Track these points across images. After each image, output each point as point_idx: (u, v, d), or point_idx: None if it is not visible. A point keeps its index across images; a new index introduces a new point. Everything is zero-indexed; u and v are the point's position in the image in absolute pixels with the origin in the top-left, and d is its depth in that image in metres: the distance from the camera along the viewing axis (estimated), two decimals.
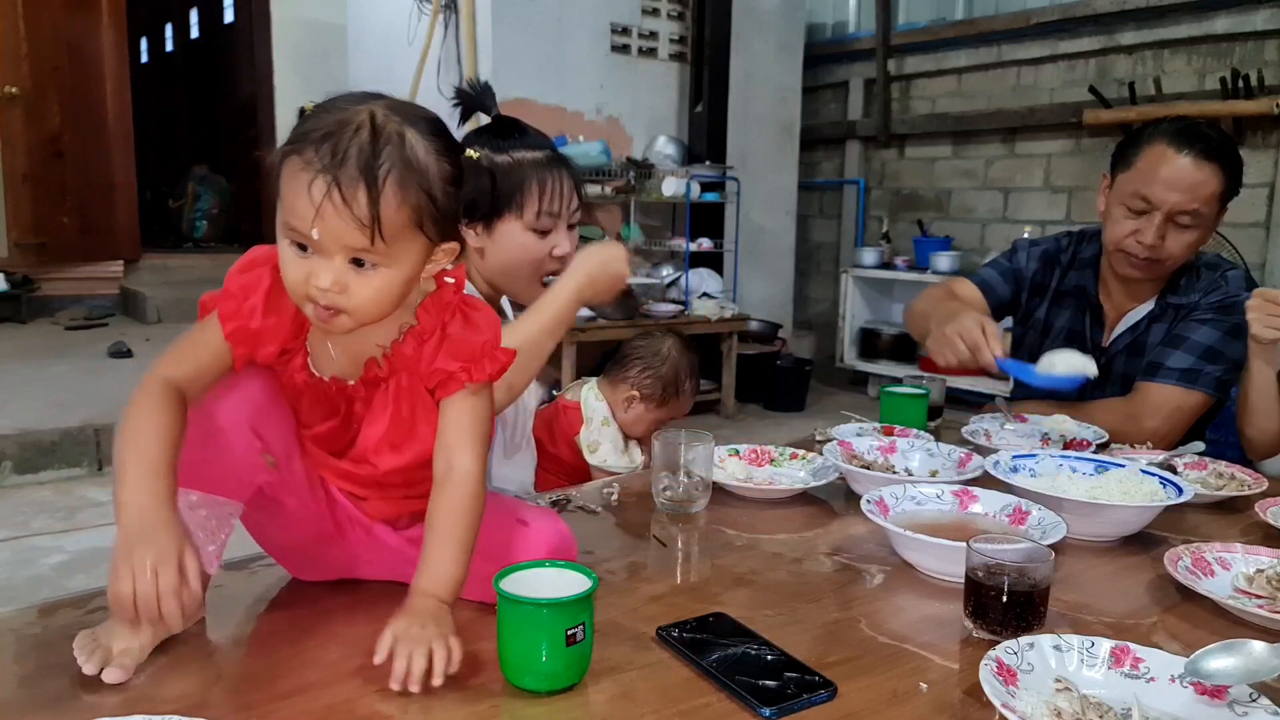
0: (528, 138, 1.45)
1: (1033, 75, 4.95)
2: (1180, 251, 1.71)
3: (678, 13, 5.00)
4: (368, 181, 0.83)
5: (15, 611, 0.96)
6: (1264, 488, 1.41)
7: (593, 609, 0.83)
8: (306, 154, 0.83)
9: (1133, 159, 1.73)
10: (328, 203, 0.82)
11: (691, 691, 0.82)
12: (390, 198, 0.84)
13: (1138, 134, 1.76)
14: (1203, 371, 1.71)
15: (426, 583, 0.89)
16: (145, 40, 10.64)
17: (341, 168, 0.82)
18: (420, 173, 0.86)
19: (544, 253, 1.45)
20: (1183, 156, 1.67)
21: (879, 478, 1.35)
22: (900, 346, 5.34)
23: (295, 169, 0.84)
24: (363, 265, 0.86)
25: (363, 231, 0.83)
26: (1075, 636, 0.87)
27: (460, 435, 0.94)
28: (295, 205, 0.84)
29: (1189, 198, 1.67)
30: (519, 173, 1.41)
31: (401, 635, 0.82)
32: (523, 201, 1.41)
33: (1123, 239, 1.73)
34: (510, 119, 1.47)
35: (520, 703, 0.81)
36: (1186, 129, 1.71)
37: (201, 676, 0.84)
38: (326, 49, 6.33)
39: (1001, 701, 0.76)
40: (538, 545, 0.98)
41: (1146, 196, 1.68)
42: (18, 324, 5.62)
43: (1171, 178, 1.67)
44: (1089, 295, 1.87)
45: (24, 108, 5.76)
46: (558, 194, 1.43)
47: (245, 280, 0.92)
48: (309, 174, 0.83)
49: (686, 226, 4.82)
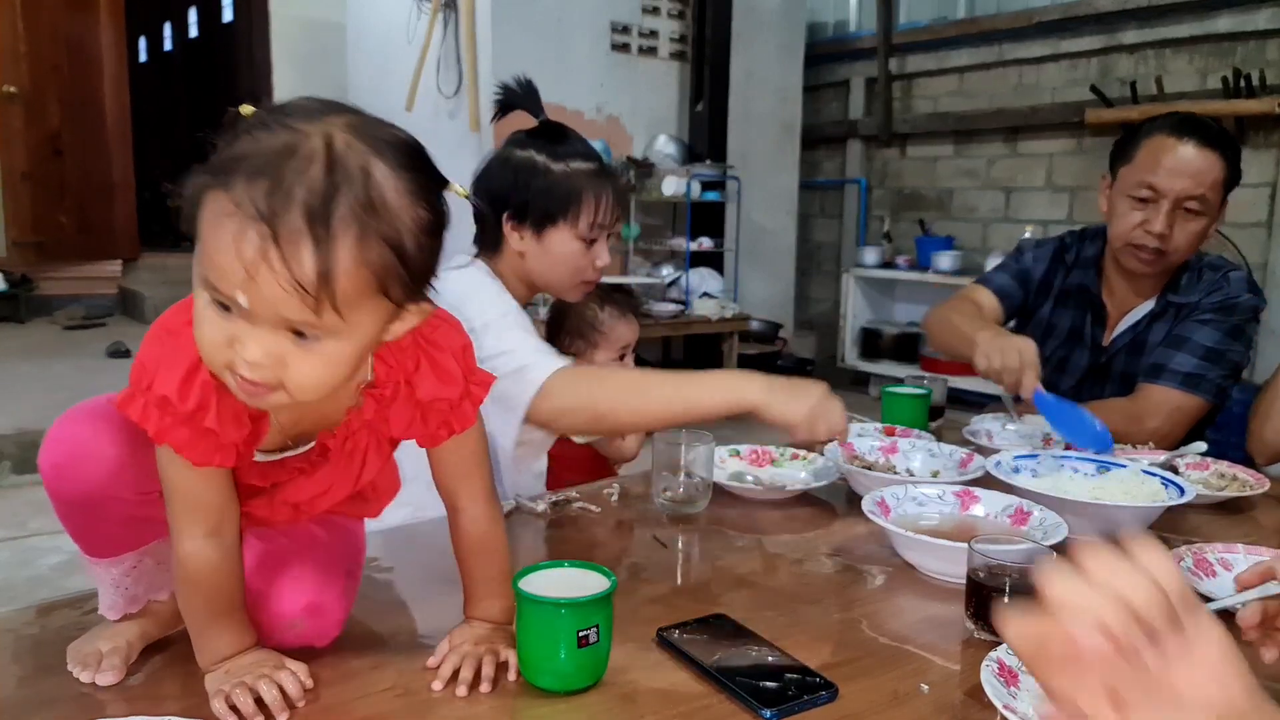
0: (580, 145, 1.46)
1: (1035, 74, 4.95)
2: (1186, 242, 1.71)
3: (678, 11, 5.00)
4: (315, 236, 0.63)
5: (14, 611, 0.96)
6: (1266, 488, 1.41)
7: (611, 609, 0.83)
8: (235, 192, 0.64)
9: (1133, 153, 1.72)
10: (261, 264, 0.63)
11: (692, 693, 0.82)
12: (345, 256, 0.65)
13: (1136, 129, 1.76)
14: (1205, 377, 1.70)
15: (478, 612, 0.90)
16: (144, 39, 10.63)
17: (282, 215, 0.63)
18: (388, 221, 0.67)
19: (589, 263, 1.45)
20: (1185, 144, 1.67)
21: (880, 478, 1.34)
22: (901, 346, 5.34)
23: (219, 210, 0.64)
24: (304, 336, 0.68)
25: (305, 301, 0.64)
26: None
27: (459, 480, 0.89)
28: (217, 260, 0.65)
29: (1194, 183, 1.66)
30: (574, 183, 1.41)
31: (456, 645, 0.85)
32: (578, 213, 1.41)
33: (1130, 231, 1.72)
34: (559, 124, 1.47)
35: (521, 702, 0.81)
36: (1185, 119, 1.72)
37: (201, 677, 0.84)
38: (326, 48, 6.32)
39: (1003, 703, 0.76)
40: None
41: (1153, 185, 1.68)
42: (16, 323, 5.62)
43: (1176, 165, 1.66)
44: (1091, 294, 1.87)
45: (23, 107, 5.76)
46: (608, 207, 1.44)
47: (194, 406, 0.73)
48: (236, 221, 0.63)
49: (687, 226, 4.81)
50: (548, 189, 1.41)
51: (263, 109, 0.70)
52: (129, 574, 0.85)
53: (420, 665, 0.86)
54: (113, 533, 0.84)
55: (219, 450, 0.76)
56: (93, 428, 0.78)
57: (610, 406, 1.32)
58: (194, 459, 0.75)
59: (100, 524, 0.83)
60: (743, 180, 4.98)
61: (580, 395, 1.32)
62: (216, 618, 0.80)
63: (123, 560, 0.85)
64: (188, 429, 0.74)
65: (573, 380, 1.33)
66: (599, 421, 1.36)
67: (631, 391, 1.34)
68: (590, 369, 1.39)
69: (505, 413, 1.31)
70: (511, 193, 1.42)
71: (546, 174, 1.41)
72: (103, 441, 0.78)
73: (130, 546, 0.85)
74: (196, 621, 0.81)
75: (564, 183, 1.41)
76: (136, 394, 0.74)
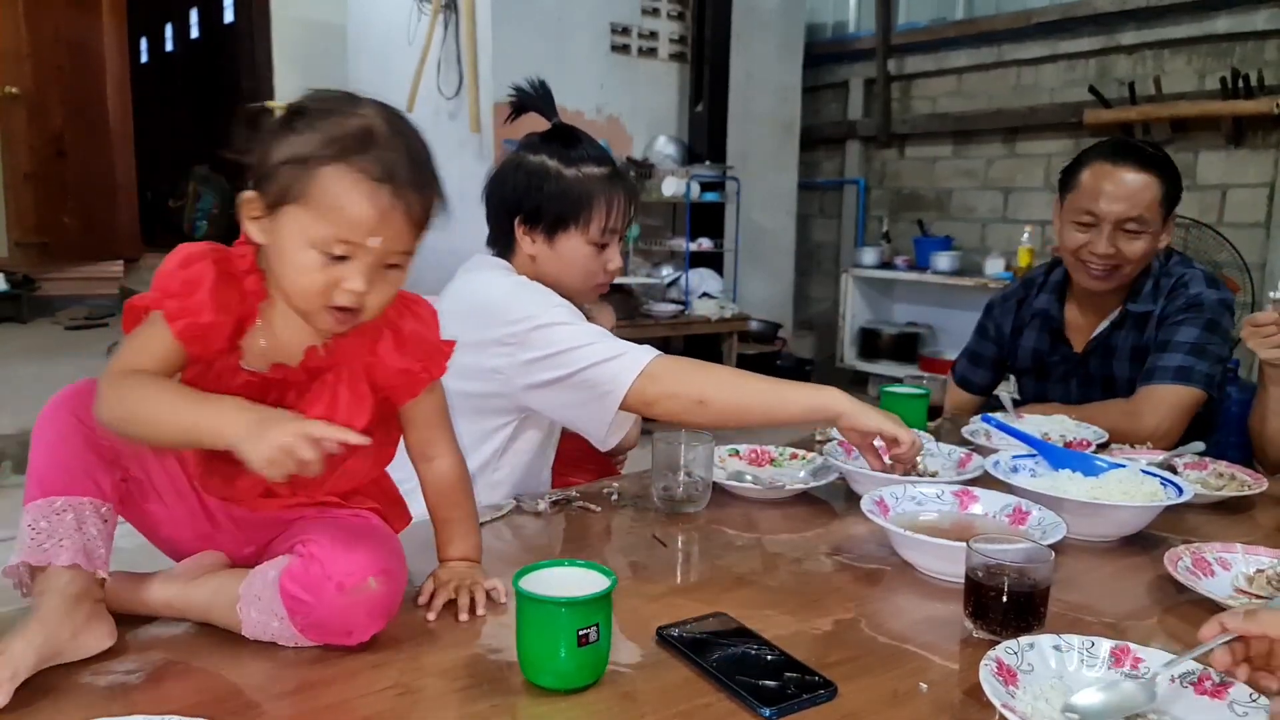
0: (592, 149, 1.46)
1: (1033, 75, 4.95)
2: (1137, 256, 1.81)
3: (678, 12, 5.00)
4: (424, 187, 0.88)
5: (15, 611, 0.96)
6: (1264, 488, 1.41)
7: (611, 608, 0.83)
8: (356, 163, 0.85)
9: (1076, 180, 1.84)
10: (395, 212, 0.86)
11: (692, 691, 0.83)
12: (430, 199, 0.90)
13: (1079, 157, 1.88)
14: (1193, 369, 1.76)
15: (454, 552, 1.03)
16: (145, 40, 10.64)
17: (399, 175, 0.86)
18: (434, 172, 0.92)
19: (600, 266, 1.47)
20: (1120, 170, 1.79)
21: (879, 478, 1.35)
22: (900, 346, 5.34)
23: (345, 180, 0.85)
24: (392, 268, 0.89)
25: (414, 236, 0.89)
26: (1075, 636, 0.87)
27: (434, 434, 1.04)
28: (350, 214, 0.84)
29: (1130, 205, 1.77)
30: (587, 188, 1.42)
31: (442, 583, 0.98)
32: (589, 217, 1.43)
33: (1078, 250, 1.83)
34: (570, 127, 1.48)
35: (521, 700, 0.81)
36: (1121, 145, 1.85)
37: (201, 676, 0.84)
38: (326, 49, 6.32)
39: (1001, 702, 0.76)
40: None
41: (1092, 210, 1.80)
42: (18, 323, 5.62)
43: (1113, 190, 1.78)
44: (1052, 318, 1.98)
45: (25, 107, 5.76)
46: (621, 213, 1.45)
47: (187, 276, 0.88)
48: (367, 183, 0.85)
49: (686, 226, 4.82)
50: (560, 194, 1.41)
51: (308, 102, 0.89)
52: (48, 517, 0.84)
53: (421, 665, 0.86)
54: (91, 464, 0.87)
55: (199, 335, 0.87)
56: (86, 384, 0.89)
57: (714, 393, 1.34)
58: (176, 327, 0.86)
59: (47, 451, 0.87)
60: (742, 181, 4.99)
61: (684, 381, 1.34)
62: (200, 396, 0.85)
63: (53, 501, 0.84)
64: (178, 301, 0.87)
65: (676, 366, 1.36)
66: (699, 408, 1.35)
67: (731, 381, 1.38)
68: (685, 359, 1.41)
69: (595, 400, 1.33)
70: (524, 197, 1.43)
71: (559, 179, 1.41)
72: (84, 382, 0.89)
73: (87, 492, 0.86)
74: (187, 404, 0.84)
75: (576, 187, 1.41)
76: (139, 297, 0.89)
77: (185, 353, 0.88)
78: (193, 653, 0.88)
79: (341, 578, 0.85)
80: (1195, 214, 4.19)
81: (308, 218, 0.86)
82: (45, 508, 0.84)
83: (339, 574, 0.86)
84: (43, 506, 0.84)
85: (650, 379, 1.32)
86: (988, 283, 4.67)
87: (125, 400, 0.85)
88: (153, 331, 0.88)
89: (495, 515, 1.28)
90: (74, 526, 0.84)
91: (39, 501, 0.85)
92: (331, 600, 0.85)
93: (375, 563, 0.88)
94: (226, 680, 0.84)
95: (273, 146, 0.88)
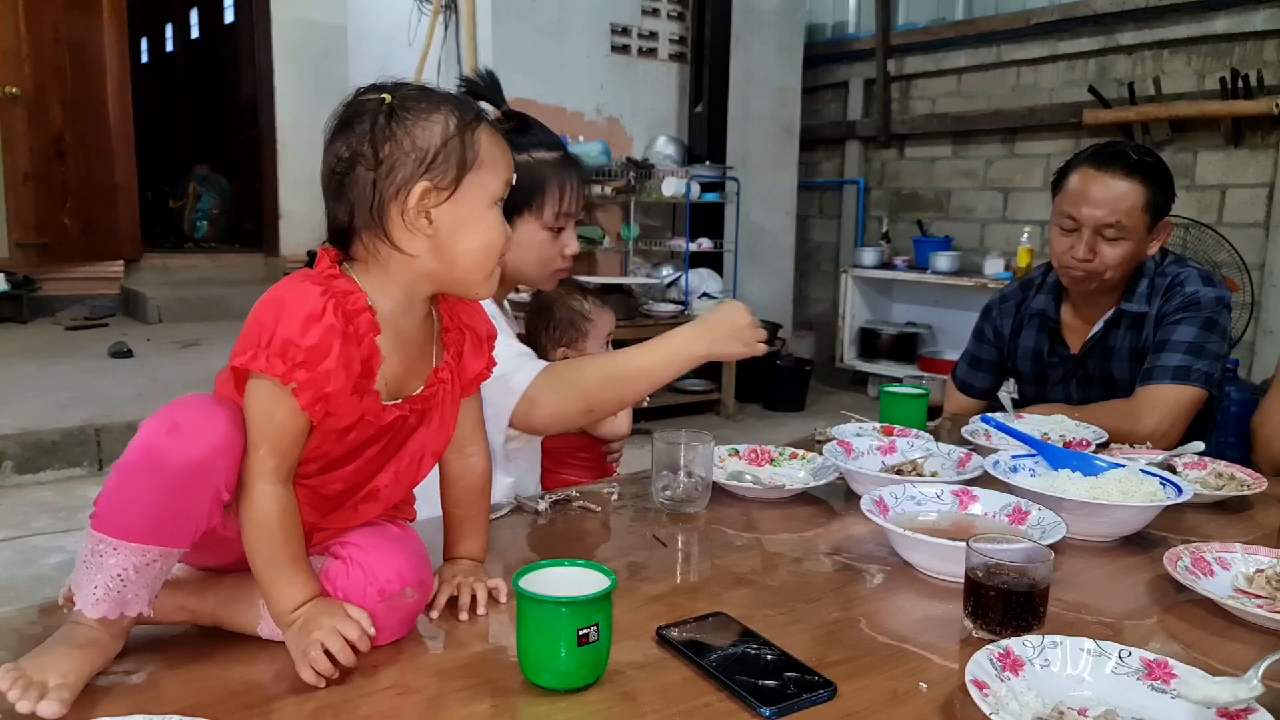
0: (542, 135, 1.45)
1: (1032, 75, 4.95)
2: (1116, 262, 1.82)
3: (677, 13, 5.01)
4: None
5: (16, 611, 0.96)
6: (1263, 487, 1.41)
7: (611, 608, 0.83)
8: (484, 120, 0.94)
9: (1064, 184, 1.86)
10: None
11: (691, 691, 0.83)
12: None
13: (1069, 161, 1.90)
14: (1192, 368, 1.77)
15: (461, 550, 1.04)
16: (146, 40, 10.64)
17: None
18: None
19: (557, 252, 1.46)
20: (1103, 175, 1.80)
21: (879, 478, 1.35)
22: (900, 346, 5.35)
23: (487, 134, 0.93)
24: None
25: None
26: (1075, 637, 0.87)
27: (475, 428, 1.05)
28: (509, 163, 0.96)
29: (1108, 211, 1.79)
30: (538, 173, 1.41)
31: (446, 580, 0.99)
32: (543, 202, 1.42)
33: (1061, 255, 1.86)
34: (521, 114, 1.47)
35: (521, 700, 0.81)
36: (1108, 150, 1.85)
37: (201, 677, 0.84)
38: (326, 49, 6.33)
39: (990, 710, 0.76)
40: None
41: (1072, 215, 1.82)
42: (19, 324, 5.63)
43: (1093, 196, 1.80)
44: (1049, 319, 1.99)
45: (25, 108, 5.76)
46: (574, 196, 1.44)
47: (313, 344, 0.82)
48: (497, 134, 0.95)
49: (686, 226, 4.82)
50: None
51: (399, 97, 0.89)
52: (139, 569, 0.81)
53: (420, 664, 0.87)
54: (165, 516, 0.81)
55: (325, 404, 0.84)
56: (207, 404, 0.84)
57: (598, 397, 1.38)
58: (306, 401, 0.83)
59: (166, 499, 0.80)
60: (742, 181, 4.99)
61: (566, 396, 1.37)
62: (288, 562, 0.85)
63: (148, 551, 0.81)
64: (306, 371, 0.82)
65: (555, 380, 1.37)
66: (587, 416, 1.43)
67: (610, 377, 1.39)
68: (562, 365, 1.41)
69: (491, 418, 1.32)
70: None
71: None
72: (218, 415, 0.83)
73: (163, 541, 0.81)
74: (270, 567, 0.85)
75: (527, 173, 1.40)
76: (255, 351, 0.82)
77: (311, 422, 0.85)
78: (193, 653, 0.88)
79: (383, 584, 0.88)
80: (1194, 214, 4.20)
81: (484, 177, 0.91)
82: (138, 555, 0.81)
83: (381, 580, 0.88)
84: (135, 553, 0.81)
85: (530, 403, 1.35)
86: (987, 283, 4.68)
87: (248, 536, 0.85)
88: (277, 406, 0.83)
89: (495, 515, 1.28)
90: (155, 577, 0.83)
91: (133, 545, 0.80)
92: (371, 606, 0.86)
93: (414, 572, 0.91)
94: (226, 680, 0.84)
95: (419, 137, 0.88)
